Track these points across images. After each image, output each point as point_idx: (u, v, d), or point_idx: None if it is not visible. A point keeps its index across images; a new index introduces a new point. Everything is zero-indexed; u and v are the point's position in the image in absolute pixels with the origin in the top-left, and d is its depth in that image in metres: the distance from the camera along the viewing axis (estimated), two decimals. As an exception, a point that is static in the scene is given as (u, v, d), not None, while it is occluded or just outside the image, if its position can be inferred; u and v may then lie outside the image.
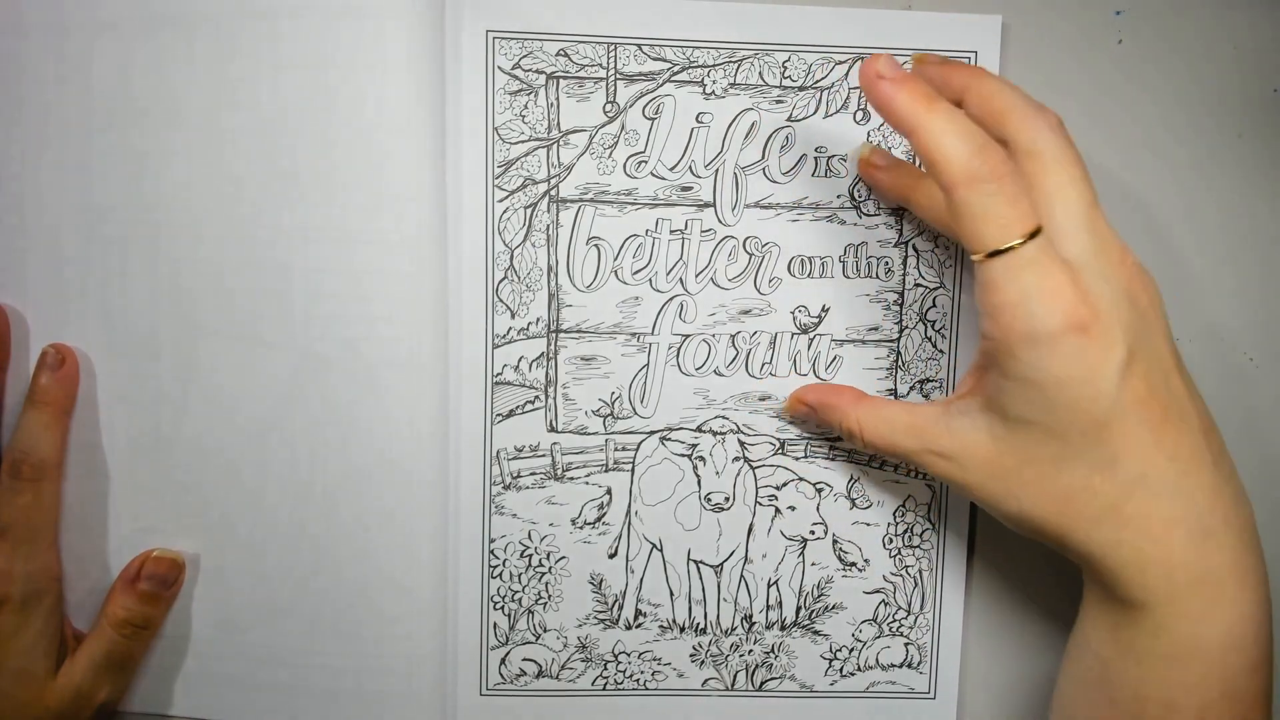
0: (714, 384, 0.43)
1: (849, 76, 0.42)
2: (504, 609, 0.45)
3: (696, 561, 0.45)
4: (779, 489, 0.44)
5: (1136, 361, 0.33)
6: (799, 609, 0.45)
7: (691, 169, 0.42)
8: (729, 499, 0.44)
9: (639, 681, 0.45)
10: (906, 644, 0.45)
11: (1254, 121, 0.43)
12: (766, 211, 0.43)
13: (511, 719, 0.45)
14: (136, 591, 0.42)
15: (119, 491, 0.43)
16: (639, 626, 0.45)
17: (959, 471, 0.36)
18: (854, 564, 0.45)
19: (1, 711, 0.40)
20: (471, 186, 0.42)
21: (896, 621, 0.45)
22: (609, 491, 0.44)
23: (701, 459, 0.44)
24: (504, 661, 0.45)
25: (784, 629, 0.45)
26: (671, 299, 0.43)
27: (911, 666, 0.45)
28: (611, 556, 0.44)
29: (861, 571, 0.45)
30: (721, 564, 0.45)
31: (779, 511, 0.44)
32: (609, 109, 0.42)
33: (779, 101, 0.42)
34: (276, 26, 0.40)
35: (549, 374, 0.43)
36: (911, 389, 0.44)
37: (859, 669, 0.45)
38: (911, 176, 0.41)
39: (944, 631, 0.45)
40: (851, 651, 0.45)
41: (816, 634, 0.45)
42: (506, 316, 0.43)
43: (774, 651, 0.45)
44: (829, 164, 0.42)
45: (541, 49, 0.41)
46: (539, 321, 0.43)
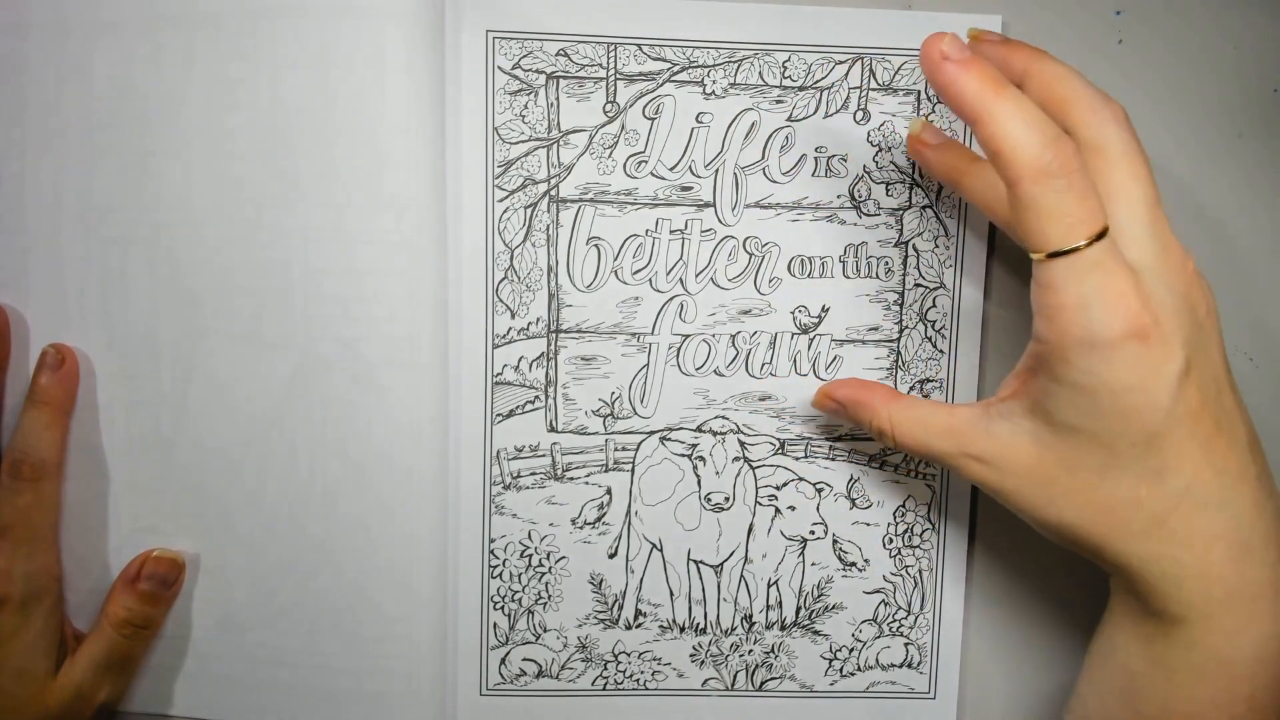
0: (714, 384, 0.43)
1: (849, 76, 0.42)
2: (504, 609, 0.45)
3: (696, 561, 0.45)
4: (779, 489, 0.44)
5: (1192, 372, 0.32)
6: (799, 609, 0.45)
7: (691, 169, 0.42)
8: (729, 499, 0.44)
9: (639, 681, 0.45)
10: (906, 644, 0.45)
11: (1254, 121, 0.43)
12: (766, 211, 0.43)
13: (511, 719, 0.45)
14: (136, 591, 0.42)
15: (119, 491, 0.43)
16: (639, 626, 0.45)
17: (996, 476, 0.35)
18: (854, 564, 0.45)
19: (1, 711, 0.40)
20: (471, 186, 0.42)
21: (896, 621, 0.45)
22: (609, 491, 0.44)
23: (701, 459, 0.44)
24: (504, 661, 0.45)
25: (784, 629, 0.45)
26: (671, 299, 0.43)
27: (911, 666, 0.45)
28: (611, 556, 0.44)
29: (861, 571, 0.45)
30: (721, 564, 0.45)
31: (779, 511, 0.44)
32: (609, 109, 0.42)
33: (779, 101, 0.42)
34: (276, 26, 0.40)
35: (549, 374, 0.43)
36: (911, 389, 0.44)
37: (859, 669, 0.45)
38: (964, 160, 0.39)
39: (944, 631, 0.45)
40: (851, 651, 0.45)
41: (816, 634, 0.45)
42: (506, 316, 0.43)
43: (774, 651, 0.45)
44: (829, 164, 0.42)
45: (541, 49, 0.41)
46: (539, 321, 0.43)
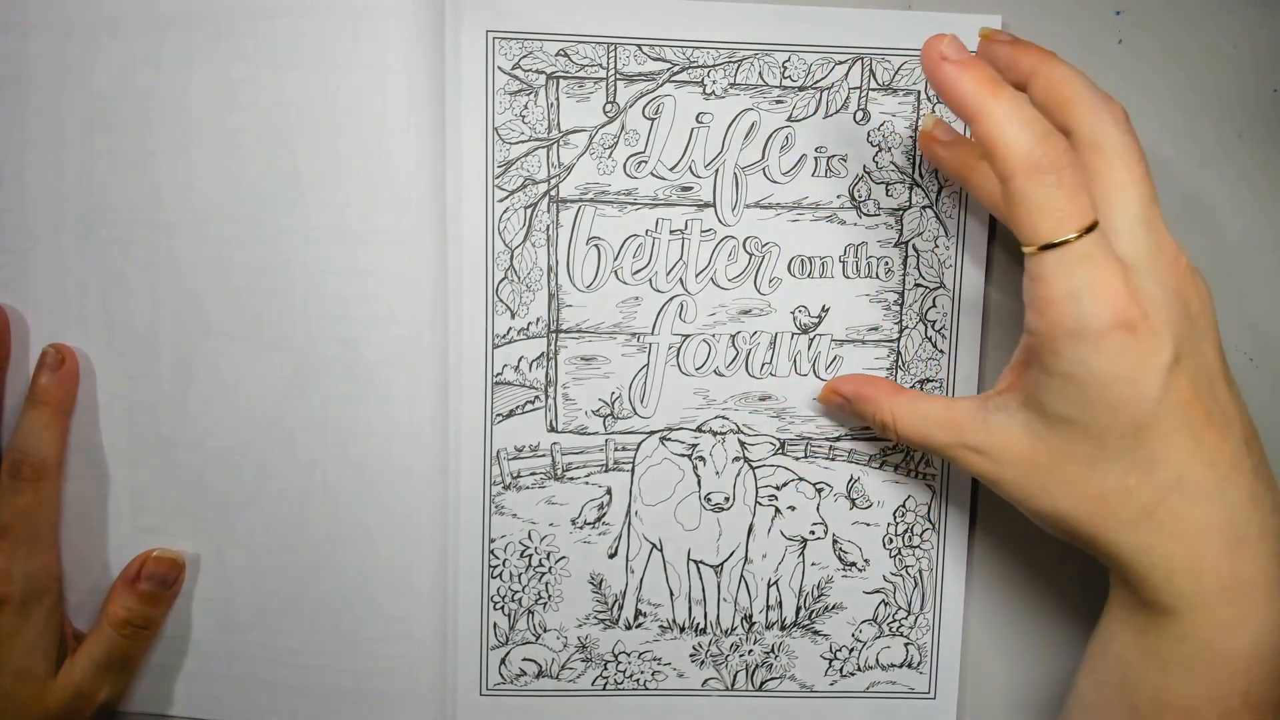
0: (714, 384, 0.43)
1: (849, 76, 0.42)
2: (504, 609, 0.45)
3: (696, 561, 0.45)
4: (779, 489, 0.44)
5: (1182, 364, 0.32)
6: (799, 609, 0.45)
7: (691, 169, 0.42)
8: (729, 499, 0.44)
9: (639, 681, 0.45)
10: (906, 644, 0.45)
11: (1254, 121, 0.43)
12: (766, 211, 0.43)
13: (511, 719, 0.45)
14: (136, 591, 0.42)
15: (119, 491, 0.43)
16: (639, 626, 0.45)
17: (993, 467, 0.35)
18: (854, 564, 0.45)
19: (1, 711, 0.40)
20: (471, 186, 0.42)
21: (896, 621, 0.45)
22: (609, 491, 0.44)
23: (701, 459, 0.44)
24: (504, 661, 0.45)
25: (784, 629, 0.45)
26: (671, 299, 0.43)
27: (911, 666, 0.45)
28: (611, 556, 0.44)
29: (861, 571, 0.45)
30: (721, 564, 0.45)
31: (779, 511, 0.44)
32: (609, 109, 0.42)
33: (779, 101, 0.42)
34: (277, 26, 0.40)
35: (549, 374, 0.43)
36: (911, 389, 0.44)
37: (859, 669, 0.45)
38: (973, 156, 0.40)
39: (944, 631, 0.45)
40: (851, 651, 0.45)
41: (816, 634, 0.45)
42: (506, 316, 0.43)
43: (774, 651, 0.45)
44: (829, 164, 0.42)
45: (541, 49, 0.41)
46: (539, 321, 0.43)
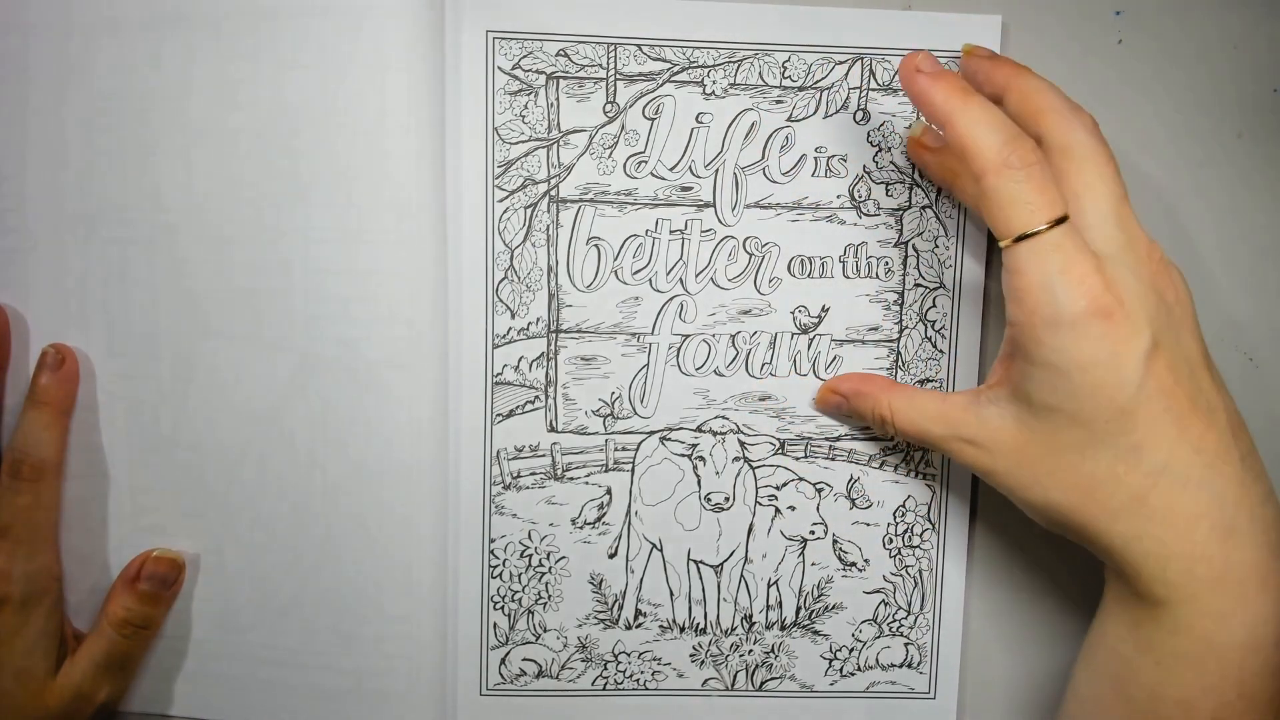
0: (714, 384, 0.43)
1: (849, 76, 0.42)
2: (504, 609, 0.45)
3: (696, 561, 0.45)
4: (779, 489, 0.44)
5: (1161, 351, 0.33)
6: (799, 609, 0.45)
7: (691, 169, 0.42)
8: (729, 499, 0.44)
9: (639, 681, 0.45)
10: (906, 644, 0.45)
11: (1254, 121, 0.43)
12: (766, 211, 0.43)
13: (511, 719, 0.45)
14: (136, 591, 0.42)
15: (119, 491, 0.43)
16: (639, 626, 0.45)
17: (986, 459, 0.36)
18: (854, 564, 0.45)
19: (1, 711, 0.40)
20: (471, 186, 0.42)
21: (896, 621, 0.45)
22: (609, 491, 0.44)
23: (701, 459, 0.44)
24: (504, 661, 0.45)
25: (784, 629, 0.45)
26: (671, 299, 0.43)
27: (911, 666, 0.45)
28: (611, 556, 0.44)
29: (861, 571, 0.45)
30: (721, 564, 0.45)
31: (779, 511, 0.44)
32: (609, 109, 0.42)
33: (779, 101, 0.42)
34: (277, 27, 0.40)
35: (549, 374, 0.43)
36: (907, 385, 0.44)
37: (859, 669, 0.45)
38: (957, 161, 0.40)
39: (944, 631, 0.45)
40: (851, 651, 0.45)
41: (816, 634, 0.45)
42: (506, 316, 0.43)
43: (774, 651, 0.45)
44: (829, 164, 0.42)
45: (541, 49, 0.41)
46: (539, 321, 0.43)
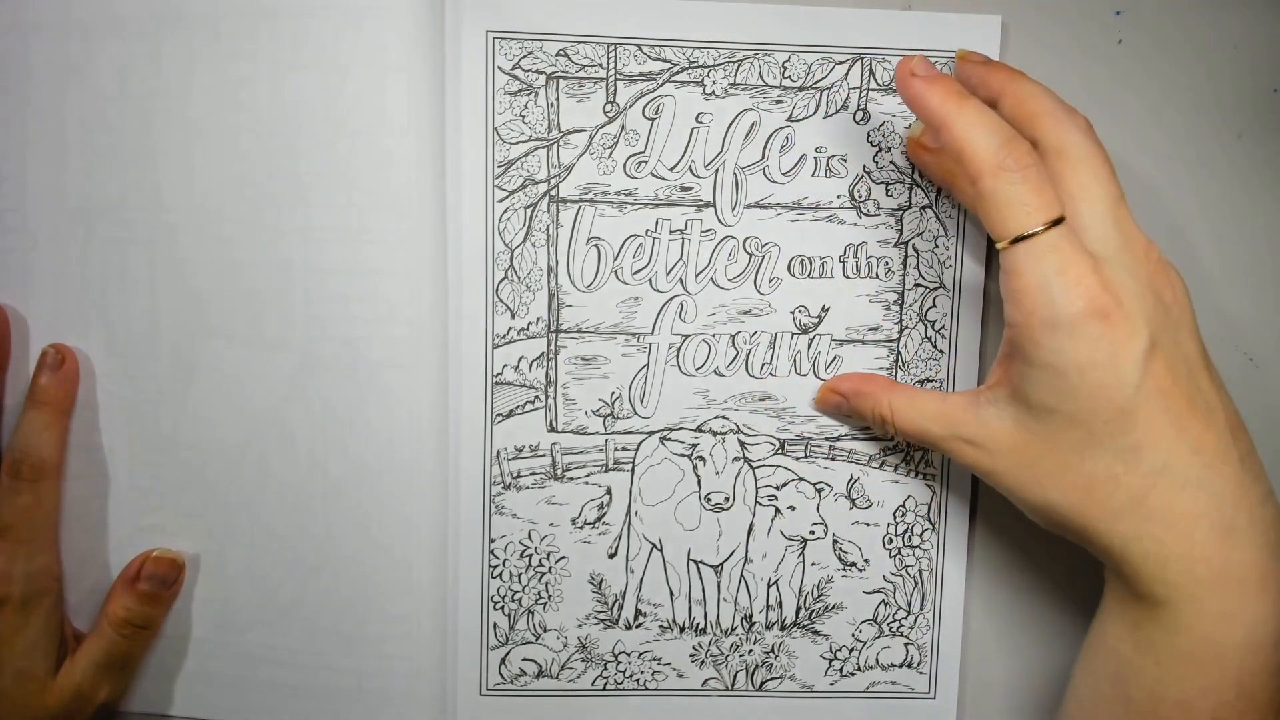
0: (714, 384, 0.43)
1: (849, 76, 0.42)
2: (504, 609, 0.45)
3: (696, 561, 0.45)
4: (779, 489, 0.44)
5: (1159, 352, 0.33)
6: (799, 609, 0.45)
7: (691, 169, 0.42)
8: (729, 499, 0.44)
9: (639, 681, 0.45)
10: (906, 644, 0.45)
11: (1254, 121, 0.43)
12: (766, 211, 0.43)
13: (511, 719, 0.45)
14: (136, 591, 0.42)
15: (119, 491, 0.43)
16: (639, 626, 0.45)
17: (986, 459, 0.36)
18: (854, 564, 0.45)
19: (1, 711, 0.40)
20: (471, 186, 0.42)
21: (896, 621, 0.45)
22: (609, 491, 0.44)
23: (701, 459, 0.44)
24: (504, 661, 0.45)
25: (784, 629, 0.45)
26: (671, 299, 0.43)
27: (911, 666, 0.45)
28: (611, 556, 0.44)
29: (861, 571, 0.45)
30: (721, 564, 0.45)
31: (779, 511, 0.44)
32: (609, 109, 0.42)
33: (779, 101, 0.42)
34: (277, 27, 0.40)
35: (549, 374, 0.43)
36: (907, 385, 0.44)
37: (859, 669, 0.45)
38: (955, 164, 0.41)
39: (944, 631, 0.45)
40: (851, 651, 0.45)
41: (816, 634, 0.45)
42: (506, 316, 0.43)
43: (774, 651, 0.45)
44: (829, 164, 0.42)
45: (541, 49, 0.41)
46: (539, 321, 0.43)
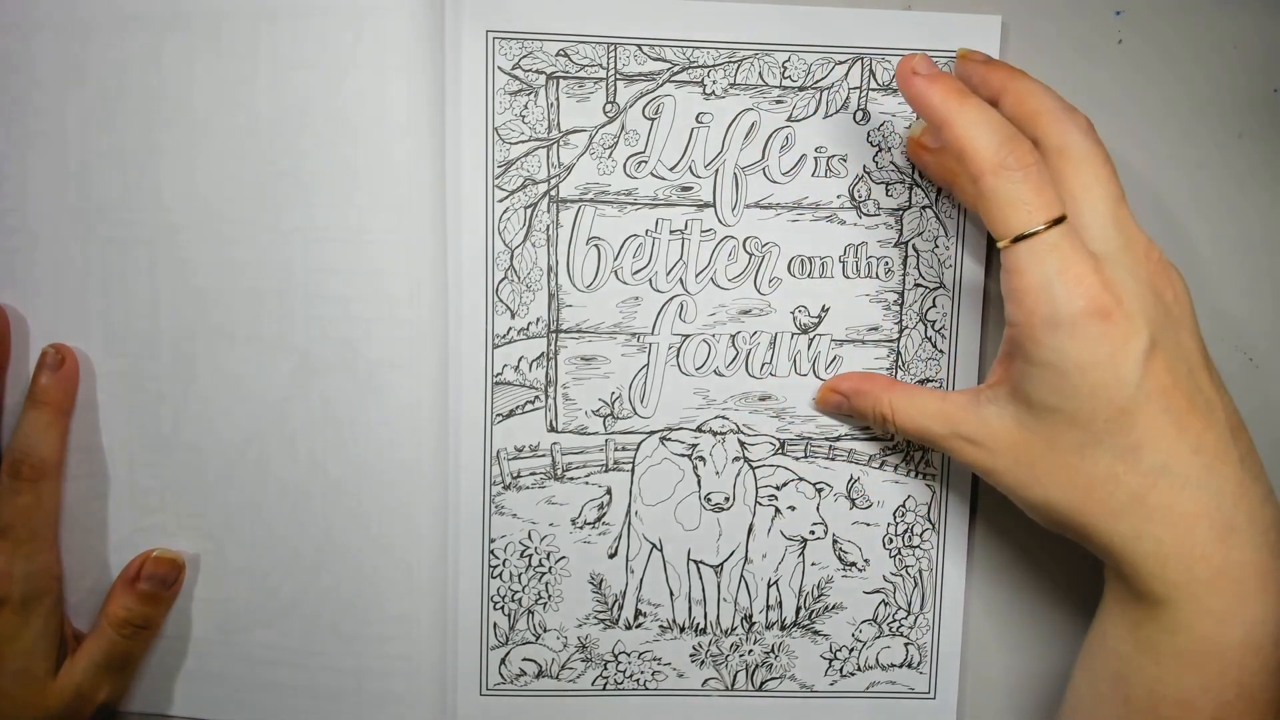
0: (714, 384, 0.43)
1: (849, 76, 0.42)
2: (504, 609, 0.45)
3: (696, 561, 0.45)
4: (779, 489, 0.44)
5: (1159, 351, 0.33)
6: (799, 609, 0.45)
7: (691, 169, 0.42)
8: (729, 499, 0.44)
9: (639, 681, 0.45)
10: (906, 644, 0.45)
11: (1254, 121, 0.43)
12: (766, 211, 0.43)
13: (511, 719, 0.45)
14: (136, 591, 0.42)
15: (119, 491, 0.43)
16: (639, 626, 0.45)
17: (986, 457, 0.36)
18: (854, 564, 0.45)
19: (1, 711, 0.40)
20: (471, 186, 0.42)
21: (896, 621, 0.45)
22: (609, 491, 0.44)
23: (701, 459, 0.44)
24: (504, 661, 0.45)
25: (784, 629, 0.45)
26: (671, 299, 0.43)
27: (911, 666, 0.45)
28: (611, 556, 0.44)
29: (861, 571, 0.45)
30: (721, 564, 0.45)
31: (779, 511, 0.44)
32: (609, 109, 0.42)
33: (779, 101, 0.42)
34: (276, 26, 0.40)
35: (549, 374, 0.43)
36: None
37: (859, 669, 0.45)
38: (956, 162, 0.41)
39: (944, 631, 0.45)
40: (851, 651, 0.45)
41: (816, 634, 0.45)
42: (506, 316, 0.43)
43: (774, 651, 0.45)
44: (829, 164, 0.42)
45: (541, 49, 0.41)
46: (539, 321, 0.43)
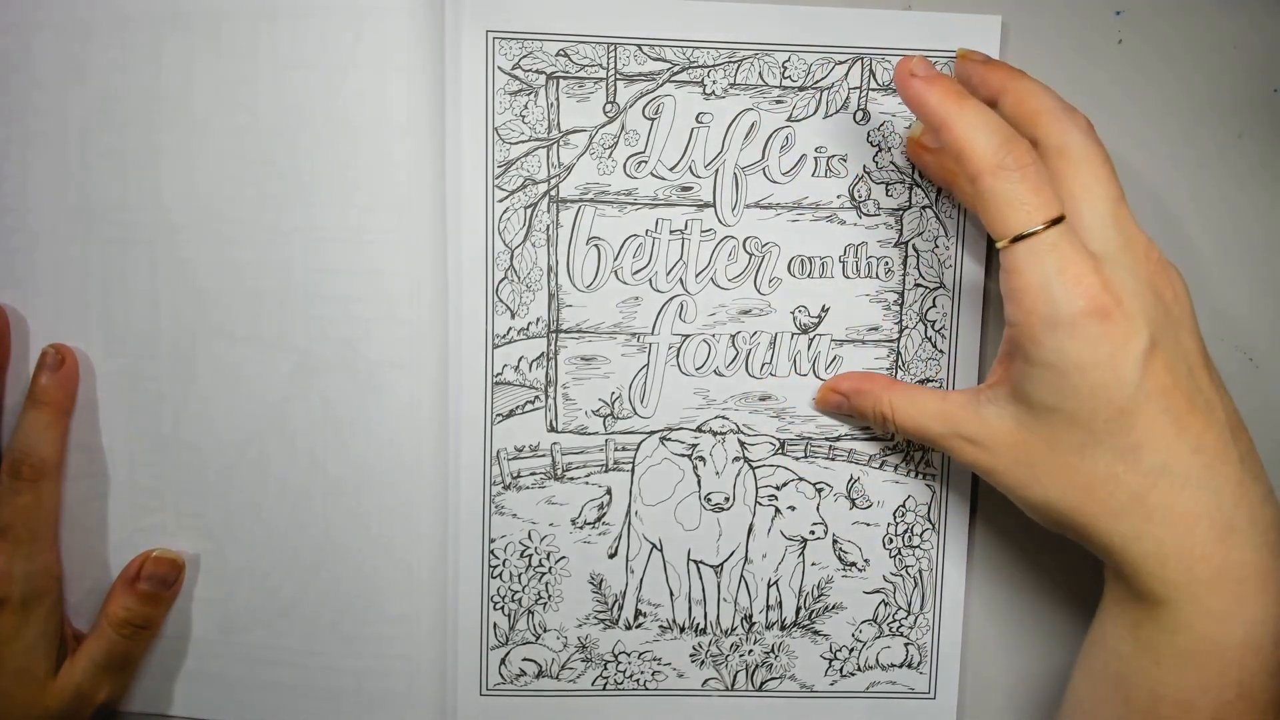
0: (714, 384, 0.43)
1: (849, 76, 0.42)
2: (504, 609, 0.45)
3: (696, 561, 0.45)
4: (779, 489, 0.44)
5: (1159, 351, 0.33)
6: (799, 609, 0.45)
7: (691, 169, 0.42)
8: (729, 499, 0.44)
9: (639, 681, 0.45)
10: (906, 644, 0.45)
11: (1254, 121, 0.43)
12: (766, 211, 0.43)
13: (511, 719, 0.45)
14: (136, 591, 0.42)
15: (119, 491, 0.43)
16: (639, 626, 0.45)
17: (986, 457, 0.36)
18: (854, 564, 0.45)
19: (1, 711, 0.40)
20: (471, 186, 0.42)
21: (896, 621, 0.45)
22: (609, 491, 0.44)
23: (701, 459, 0.44)
24: (504, 661, 0.45)
25: (784, 629, 0.45)
26: (671, 299, 0.43)
27: (911, 666, 0.45)
28: (611, 556, 0.44)
29: (861, 571, 0.45)
30: (721, 564, 0.45)
31: (779, 511, 0.44)
32: (609, 109, 0.42)
33: (779, 101, 0.42)
34: (277, 26, 0.40)
35: (549, 374, 0.43)
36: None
37: (859, 669, 0.45)
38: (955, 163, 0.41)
39: (944, 631, 0.45)
40: (851, 651, 0.45)
41: (816, 634, 0.45)
42: (506, 316, 0.43)
43: (774, 651, 0.45)
44: (829, 164, 0.42)
45: (541, 49, 0.41)
46: (539, 321, 0.43)
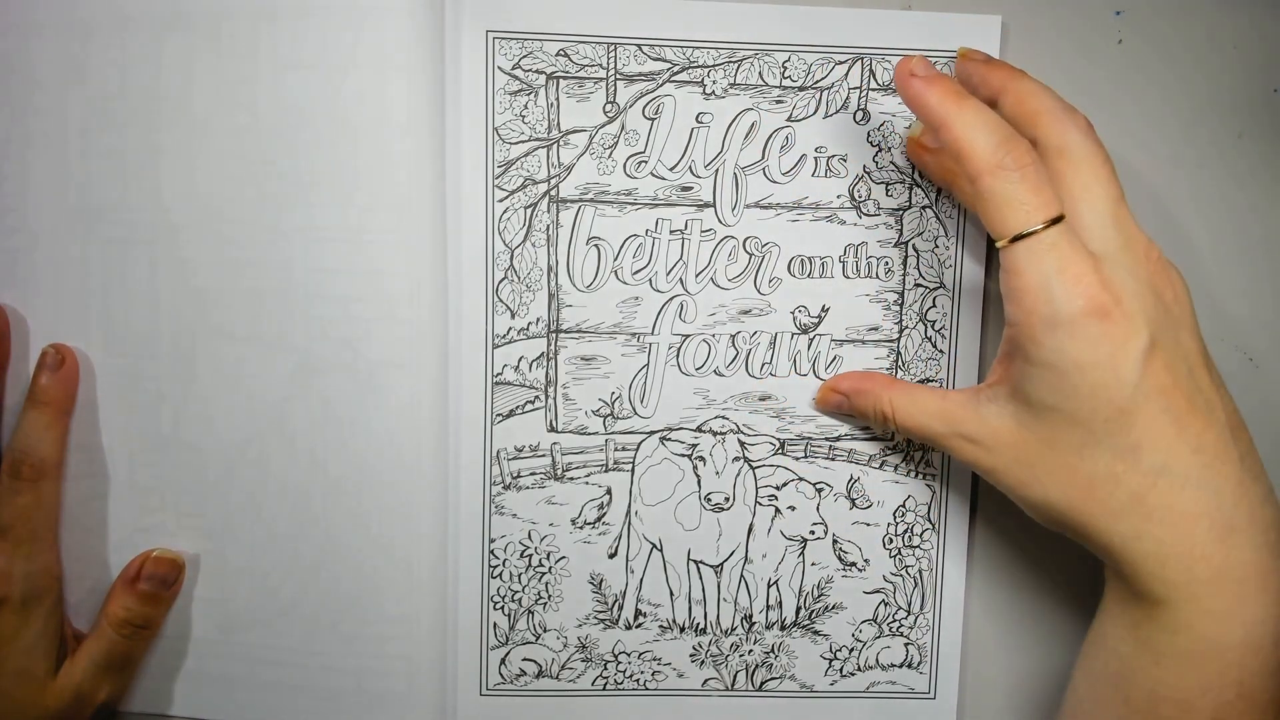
0: (714, 384, 0.43)
1: (849, 76, 0.42)
2: (504, 609, 0.45)
3: (696, 561, 0.45)
4: (779, 489, 0.44)
5: (1159, 351, 0.33)
6: (799, 609, 0.45)
7: (691, 169, 0.42)
8: (729, 499, 0.44)
9: (639, 681, 0.45)
10: (906, 644, 0.45)
11: (1254, 121, 0.43)
12: (766, 211, 0.43)
13: (511, 719, 0.45)
14: (136, 591, 0.42)
15: (119, 491, 0.43)
16: (639, 626, 0.45)
17: (986, 456, 0.36)
18: (854, 564, 0.45)
19: (1, 711, 0.40)
20: (471, 186, 0.42)
21: (896, 621, 0.45)
22: (609, 491, 0.44)
23: (701, 459, 0.44)
24: (504, 661, 0.45)
25: (784, 629, 0.45)
26: (671, 299, 0.43)
27: (911, 666, 0.45)
28: (611, 556, 0.44)
29: (861, 571, 0.45)
30: (721, 564, 0.45)
31: (779, 511, 0.44)
32: (609, 109, 0.42)
33: (779, 101, 0.42)
34: (276, 26, 0.40)
35: (549, 374, 0.43)
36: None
37: (859, 669, 0.45)
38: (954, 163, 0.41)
39: (944, 631, 0.45)
40: (851, 651, 0.45)
41: (816, 634, 0.45)
42: (506, 316, 0.43)
43: (774, 651, 0.45)
44: (829, 164, 0.42)
45: (541, 49, 0.41)
46: (539, 321, 0.43)
